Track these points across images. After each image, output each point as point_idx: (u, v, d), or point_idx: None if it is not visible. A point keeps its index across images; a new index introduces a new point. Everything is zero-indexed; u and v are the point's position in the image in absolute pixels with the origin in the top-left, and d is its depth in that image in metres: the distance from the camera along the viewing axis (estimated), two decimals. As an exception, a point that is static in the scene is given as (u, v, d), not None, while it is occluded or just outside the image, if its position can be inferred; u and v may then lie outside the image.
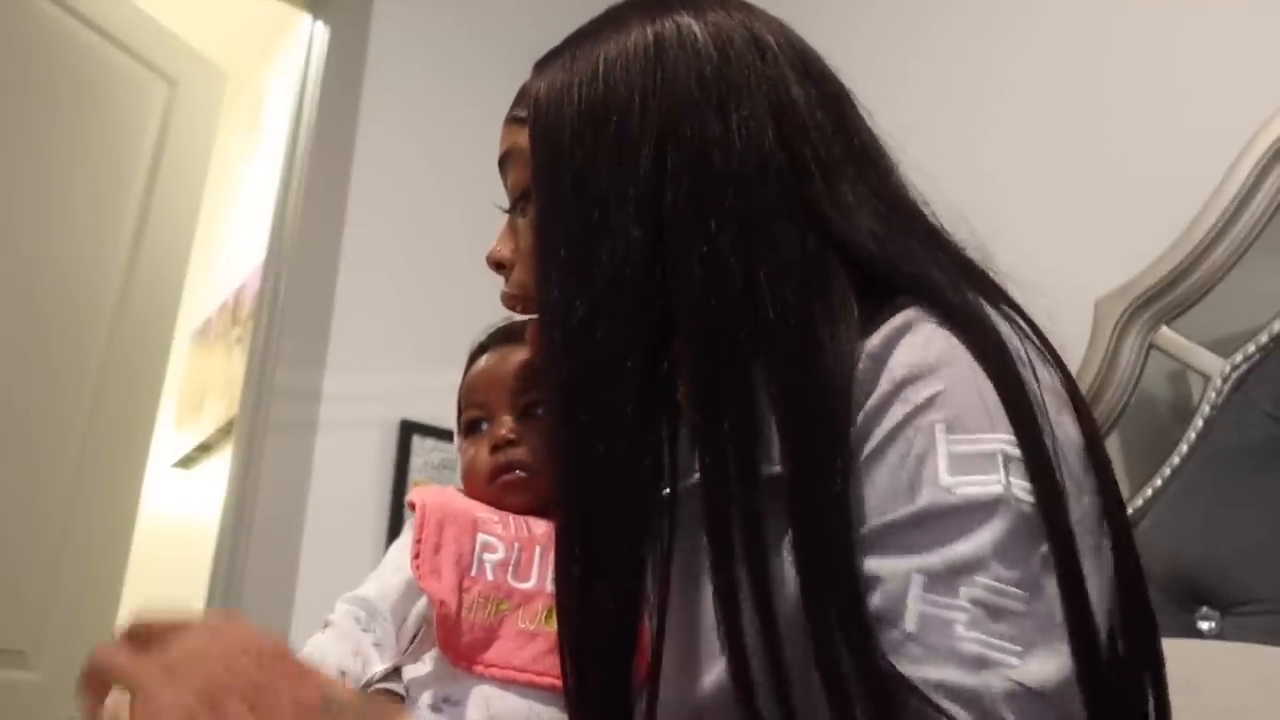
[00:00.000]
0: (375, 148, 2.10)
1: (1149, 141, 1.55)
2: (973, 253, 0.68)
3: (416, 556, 0.74)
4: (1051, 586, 0.50)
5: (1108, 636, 0.52)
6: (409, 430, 1.95)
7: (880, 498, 0.53)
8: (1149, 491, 1.31)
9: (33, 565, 1.83)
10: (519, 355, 0.84)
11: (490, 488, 0.80)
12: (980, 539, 0.50)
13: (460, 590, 0.73)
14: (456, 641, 0.71)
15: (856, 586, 0.51)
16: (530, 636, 0.72)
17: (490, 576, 0.75)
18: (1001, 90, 1.77)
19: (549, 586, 0.74)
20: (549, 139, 0.67)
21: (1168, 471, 1.30)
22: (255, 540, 1.76)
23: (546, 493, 0.77)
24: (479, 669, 0.70)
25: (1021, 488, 0.51)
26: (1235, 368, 1.29)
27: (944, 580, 0.50)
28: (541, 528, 0.78)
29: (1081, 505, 0.54)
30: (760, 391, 0.57)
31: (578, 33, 0.73)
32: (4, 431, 1.79)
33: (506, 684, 0.70)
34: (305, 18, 2.22)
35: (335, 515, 1.81)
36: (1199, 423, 1.30)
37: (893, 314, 0.58)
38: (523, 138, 0.70)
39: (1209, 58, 1.51)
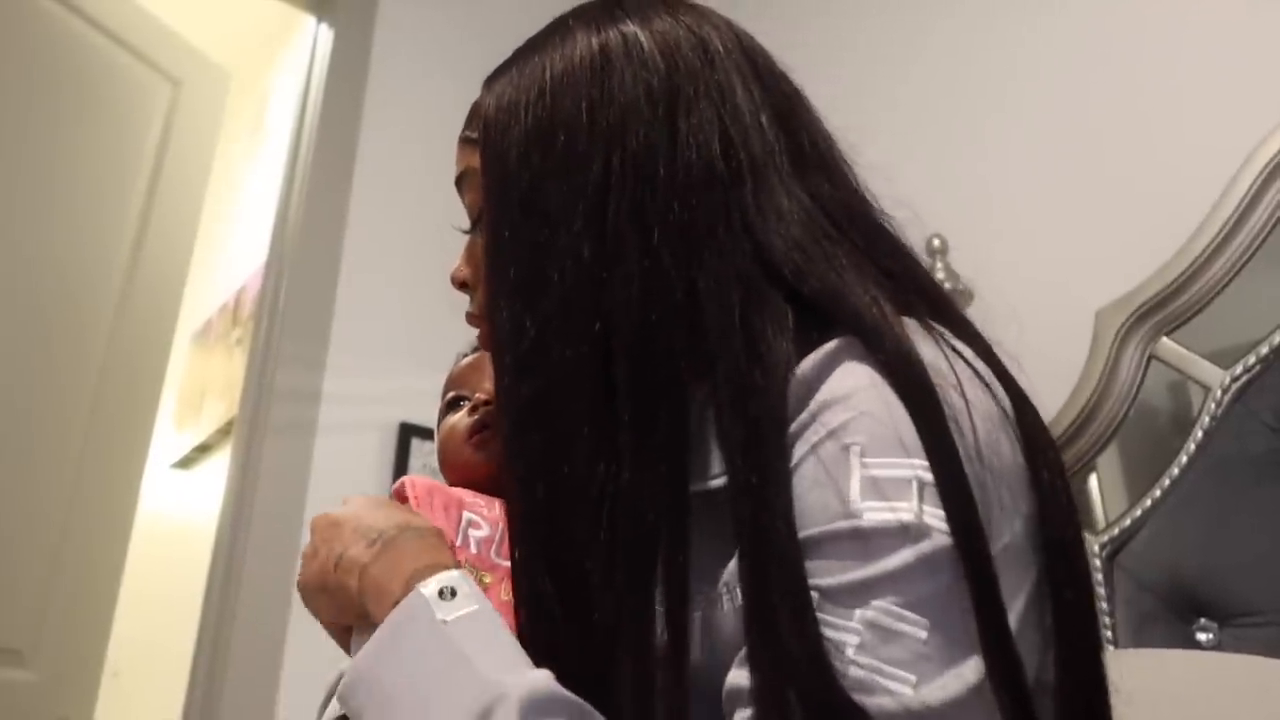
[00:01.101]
0: (378, 150, 2.10)
1: (1150, 154, 1.55)
2: (916, 259, 0.66)
3: None
4: (957, 613, 0.48)
5: (1047, 661, 0.52)
6: (408, 433, 1.95)
7: (798, 515, 0.52)
8: (1148, 502, 1.31)
9: (30, 564, 1.83)
10: None
11: (467, 445, 0.79)
12: (885, 564, 0.49)
13: None
14: None
15: (807, 593, 0.49)
16: (511, 607, 0.72)
17: (474, 550, 0.74)
18: (1003, 102, 1.77)
19: None
20: (497, 160, 0.67)
21: (1167, 482, 1.31)
22: (253, 541, 1.76)
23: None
24: None
25: (935, 515, 0.50)
26: (1235, 379, 1.29)
27: (840, 601, 0.49)
28: None
29: (1012, 529, 0.52)
30: (694, 406, 0.57)
31: (525, 45, 0.72)
32: (4, 431, 1.79)
33: None
34: (309, 19, 2.23)
35: (334, 517, 1.81)
36: (1199, 433, 1.30)
37: (824, 339, 0.57)
38: (476, 158, 0.70)
39: (1210, 71, 1.51)
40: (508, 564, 0.74)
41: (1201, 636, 1.21)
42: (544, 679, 0.51)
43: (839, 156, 0.69)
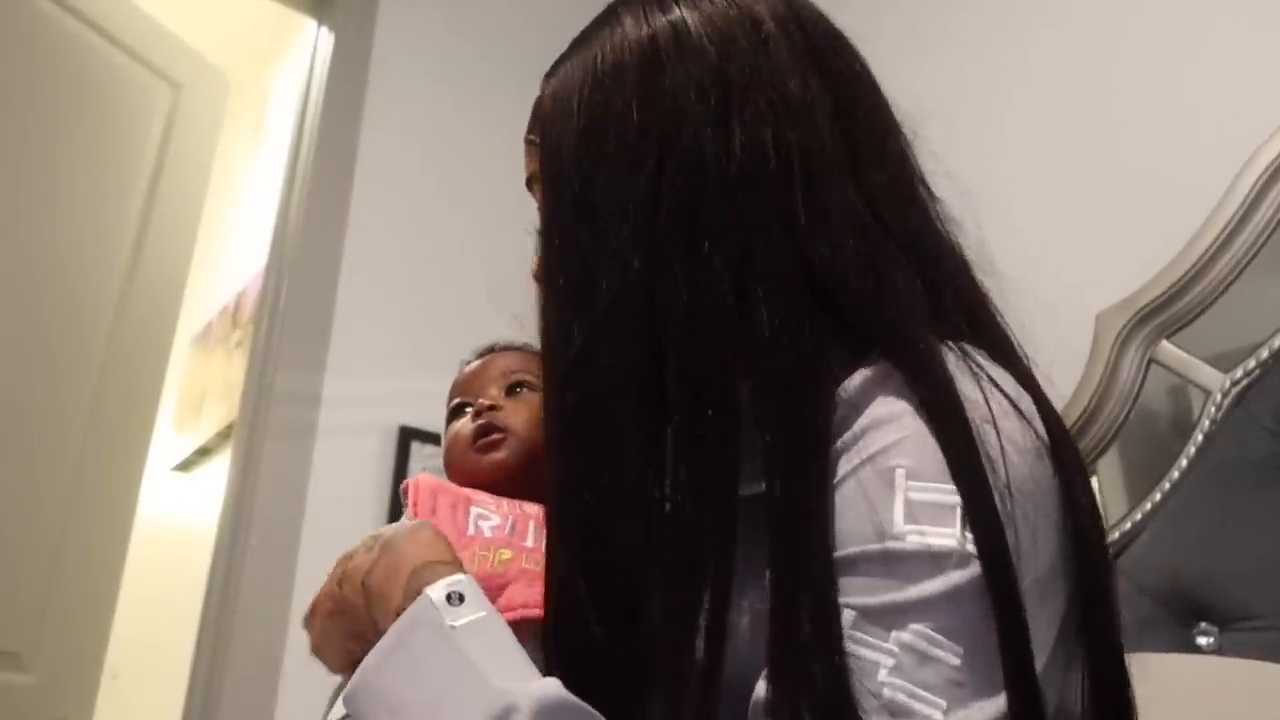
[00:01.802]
0: (378, 153, 2.10)
1: (1150, 156, 1.55)
2: (961, 263, 0.65)
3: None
4: (993, 642, 0.48)
5: (1070, 687, 0.53)
6: (408, 436, 1.95)
7: (836, 533, 0.52)
8: (1148, 506, 1.31)
9: (30, 567, 1.83)
10: (507, 355, 0.86)
11: (471, 450, 0.80)
12: (924, 588, 0.49)
13: (459, 549, 0.72)
14: None
15: (836, 609, 0.49)
16: (537, 575, 0.71)
17: (488, 534, 0.74)
18: (1003, 103, 1.77)
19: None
20: (552, 160, 0.66)
21: (1167, 486, 1.30)
22: (253, 544, 1.75)
23: (526, 456, 0.77)
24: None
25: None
26: (1236, 383, 1.29)
27: (877, 621, 0.49)
28: (534, 508, 0.77)
29: (1047, 562, 0.52)
30: (744, 411, 0.56)
31: (579, 36, 0.71)
32: (4, 433, 1.79)
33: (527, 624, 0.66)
34: (309, 22, 2.23)
35: (334, 520, 1.81)
36: (1199, 437, 1.30)
37: (865, 353, 0.57)
38: (538, 161, 0.69)
39: (1211, 75, 1.51)
40: (525, 544, 0.73)
41: (1202, 641, 1.21)
42: (553, 686, 0.51)
43: (898, 144, 0.67)
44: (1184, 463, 1.30)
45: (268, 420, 1.83)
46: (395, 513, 1.89)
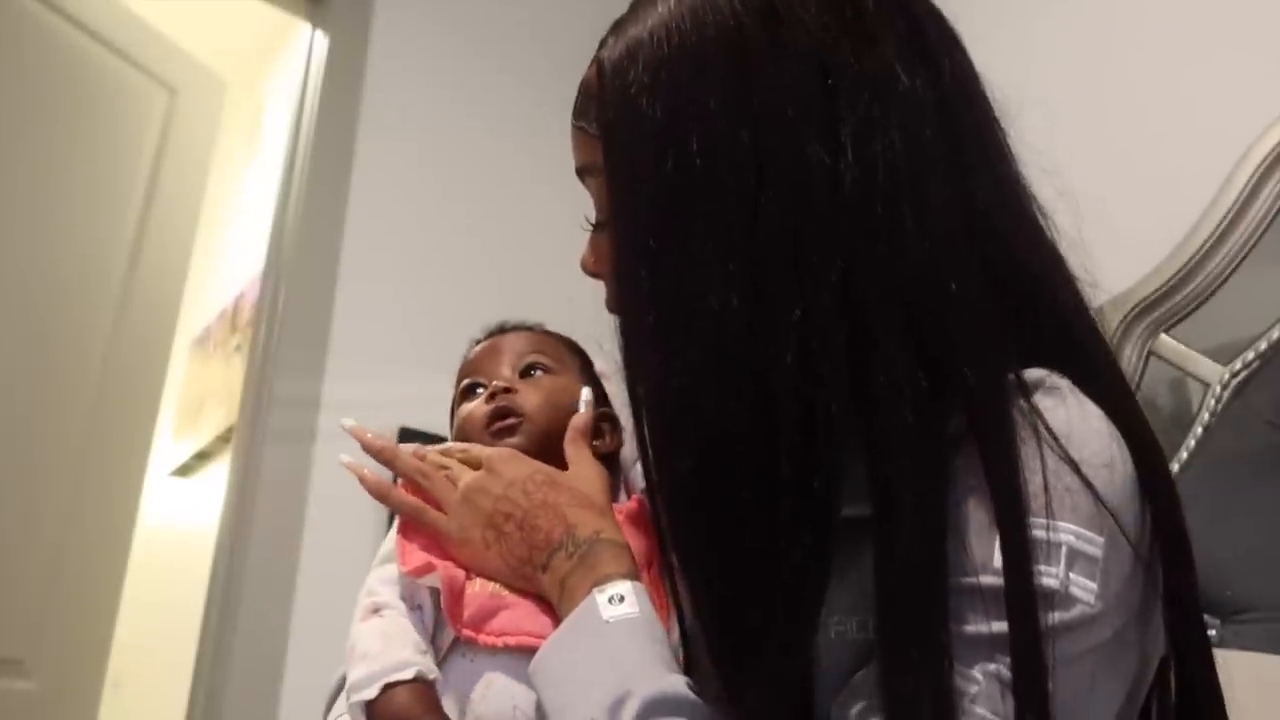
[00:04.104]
0: (374, 156, 2.10)
1: (1147, 149, 1.55)
2: (1061, 278, 0.61)
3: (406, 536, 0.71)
4: (1085, 680, 0.49)
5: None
6: (408, 438, 1.95)
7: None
8: (1148, 499, 1.31)
9: (31, 573, 1.82)
10: (520, 335, 0.83)
11: (485, 434, 0.77)
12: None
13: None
14: (461, 612, 0.67)
15: (948, 644, 0.49)
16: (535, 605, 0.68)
17: None
18: (999, 97, 1.77)
19: None
20: (621, 168, 0.58)
21: (1167, 479, 1.30)
22: (253, 548, 1.75)
23: (542, 441, 0.75)
24: (488, 639, 0.65)
25: (1081, 586, 0.49)
26: (1235, 375, 1.29)
27: (969, 650, 0.49)
28: None
29: (1139, 596, 0.53)
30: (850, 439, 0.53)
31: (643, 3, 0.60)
32: (4, 439, 1.79)
33: (519, 652, 0.64)
34: (305, 27, 2.23)
35: (334, 523, 1.81)
36: (1198, 430, 1.30)
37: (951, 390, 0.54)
38: (596, 152, 0.60)
39: (1207, 67, 1.51)
40: None
41: (1203, 633, 1.21)
42: (675, 682, 0.55)
43: (1000, 145, 0.62)
44: (1184, 455, 1.30)
45: (267, 424, 1.83)
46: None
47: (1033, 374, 0.55)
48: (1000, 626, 0.48)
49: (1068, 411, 0.53)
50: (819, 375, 0.51)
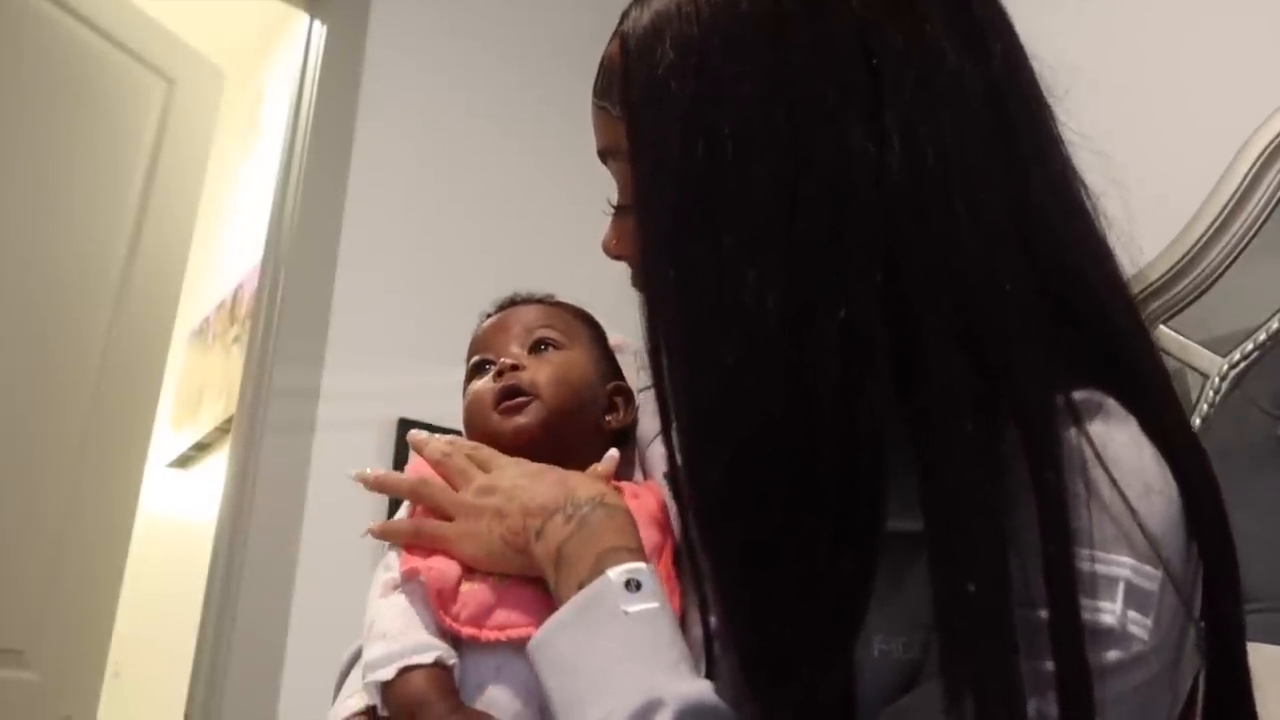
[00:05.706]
0: (373, 147, 2.10)
1: (1146, 140, 1.55)
2: (1113, 288, 0.58)
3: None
4: (1123, 716, 0.47)
5: None
6: (407, 429, 1.93)
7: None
8: (1147, 490, 1.31)
9: (31, 564, 1.83)
10: (530, 309, 0.81)
11: (494, 414, 0.74)
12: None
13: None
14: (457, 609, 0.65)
15: (1016, 672, 0.46)
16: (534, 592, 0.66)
17: None
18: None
19: None
20: (647, 153, 0.54)
21: (1166, 470, 1.31)
22: (253, 539, 1.75)
23: (551, 419, 0.73)
24: (490, 634, 0.64)
25: (1137, 622, 0.47)
26: (1234, 366, 1.29)
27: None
28: None
29: (1191, 626, 0.52)
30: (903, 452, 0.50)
31: None
32: (3, 431, 1.79)
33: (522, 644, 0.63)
34: (303, 17, 2.22)
35: (333, 514, 1.81)
36: (1197, 421, 1.30)
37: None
38: (620, 135, 0.57)
39: (1206, 58, 1.51)
40: None
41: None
42: (703, 689, 0.52)
43: (1052, 132, 0.58)
44: (1182, 447, 1.30)
45: (266, 415, 1.83)
46: (395, 506, 1.89)
47: (1082, 396, 0.52)
48: (1049, 665, 0.45)
49: (1118, 437, 0.51)
50: (861, 380, 0.48)
